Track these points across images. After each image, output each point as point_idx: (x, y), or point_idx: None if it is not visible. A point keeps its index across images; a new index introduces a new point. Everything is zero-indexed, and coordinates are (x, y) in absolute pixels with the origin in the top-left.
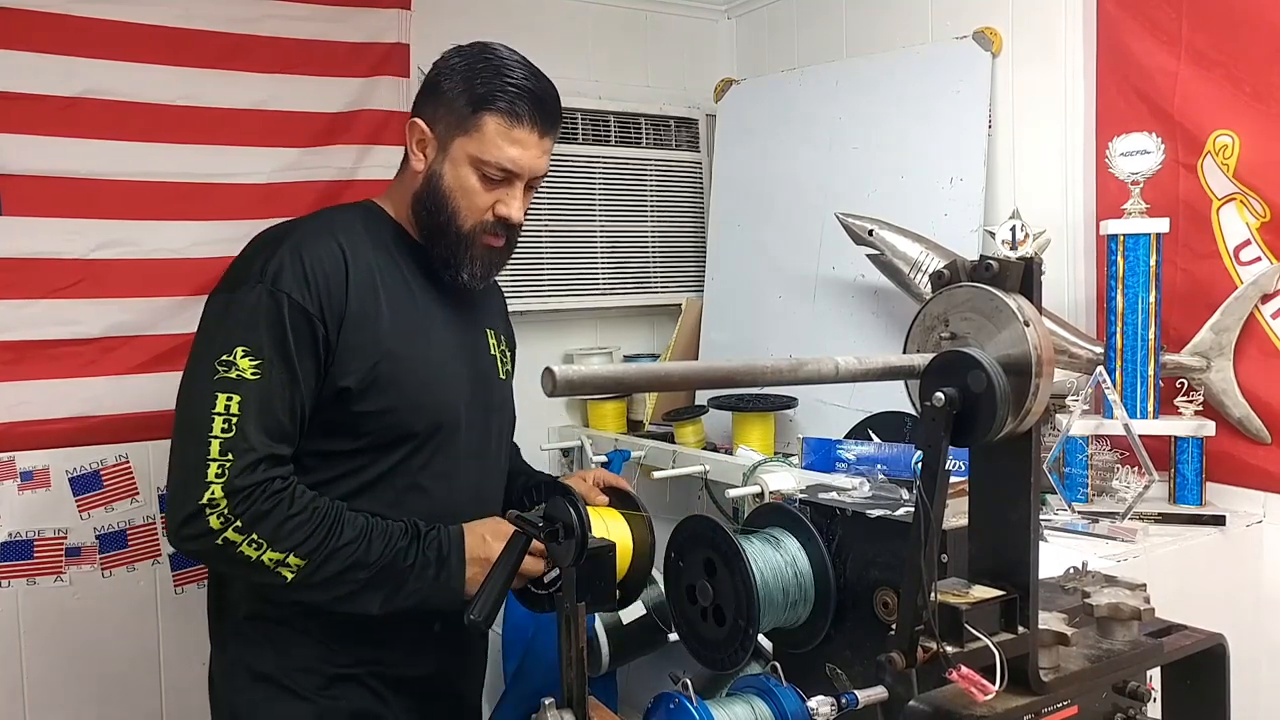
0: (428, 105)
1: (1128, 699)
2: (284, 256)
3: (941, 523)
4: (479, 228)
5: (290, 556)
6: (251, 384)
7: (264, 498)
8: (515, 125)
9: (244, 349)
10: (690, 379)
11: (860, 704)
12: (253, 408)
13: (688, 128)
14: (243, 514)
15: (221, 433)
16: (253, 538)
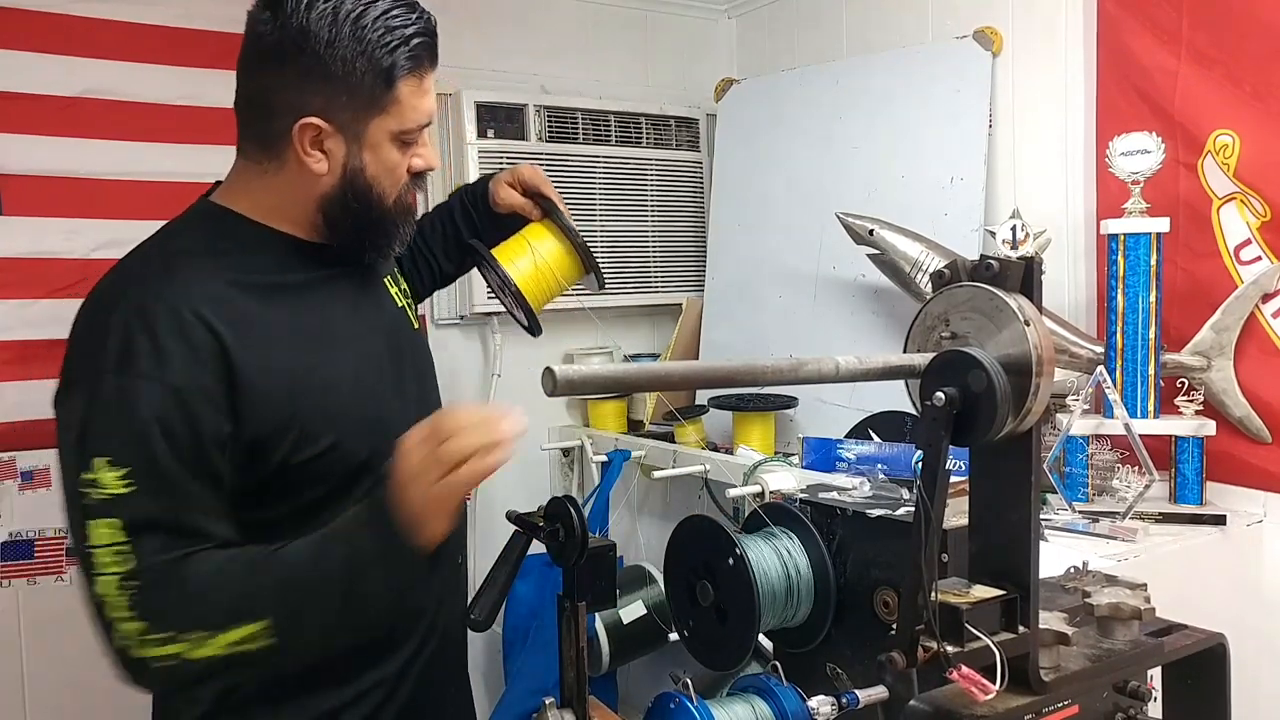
0: (314, 95)
1: (1128, 698)
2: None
3: (942, 522)
4: (402, 193)
5: (250, 626)
6: (124, 496)
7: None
8: (423, 75)
9: (108, 462)
10: (690, 379)
11: (861, 704)
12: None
13: (688, 127)
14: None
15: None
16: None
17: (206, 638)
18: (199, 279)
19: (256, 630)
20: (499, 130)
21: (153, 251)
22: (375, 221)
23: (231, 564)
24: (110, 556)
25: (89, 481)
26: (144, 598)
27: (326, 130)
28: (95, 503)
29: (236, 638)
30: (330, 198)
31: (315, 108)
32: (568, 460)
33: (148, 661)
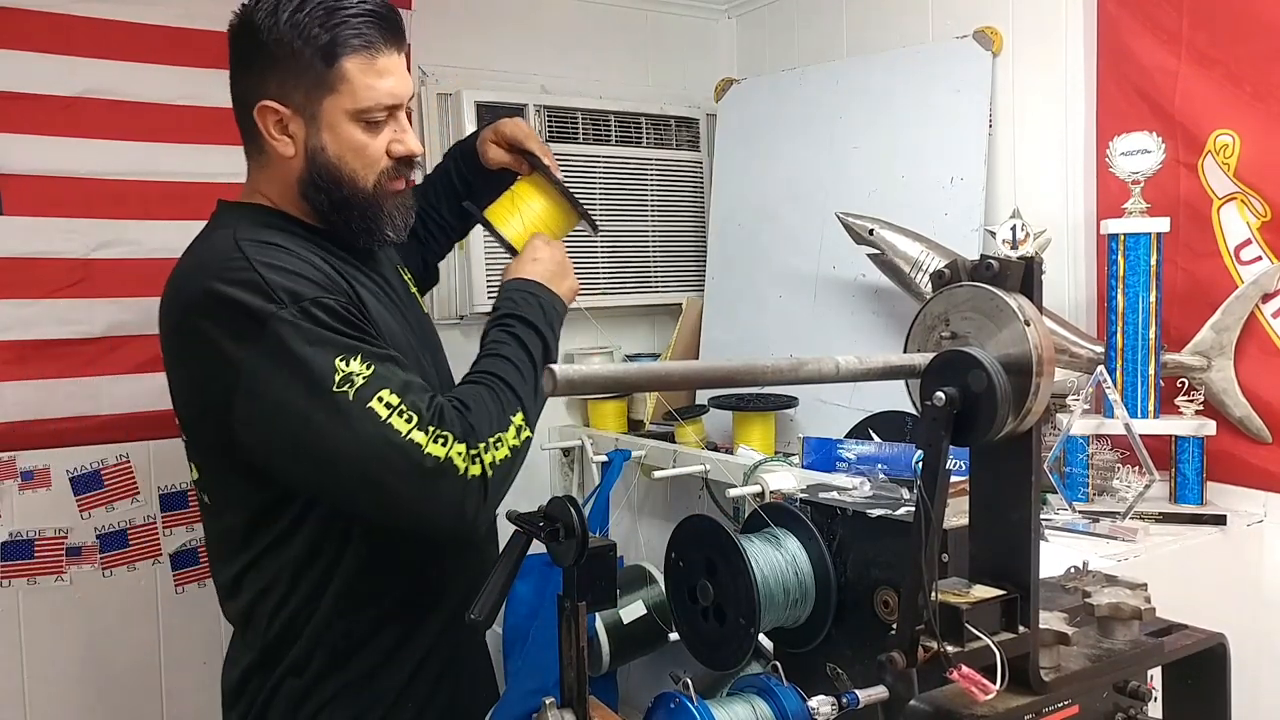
0: (268, 81)
1: (1128, 698)
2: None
3: (942, 522)
4: (381, 178)
5: (513, 419)
6: (379, 374)
7: (450, 413)
8: (376, 55)
9: (341, 357)
10: (691, 378)
11: (861, 703)
12: (392, 381)
13: (688, 127)
14: (473, 433)
15: (409, 424)
16: (490, 440)
17: (504, 433)
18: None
19: (519, 420)
20: None
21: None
22: (350, 202)
23: (471, 385)
24: (401, 420)
25: (343, 379)
26: (452, 426)
27: (285, 113)
28: (361, 387)
29: (512, 433)
30: (303, 180)
31: (271, 92)
32: (568, 460)
33: (486, 472)
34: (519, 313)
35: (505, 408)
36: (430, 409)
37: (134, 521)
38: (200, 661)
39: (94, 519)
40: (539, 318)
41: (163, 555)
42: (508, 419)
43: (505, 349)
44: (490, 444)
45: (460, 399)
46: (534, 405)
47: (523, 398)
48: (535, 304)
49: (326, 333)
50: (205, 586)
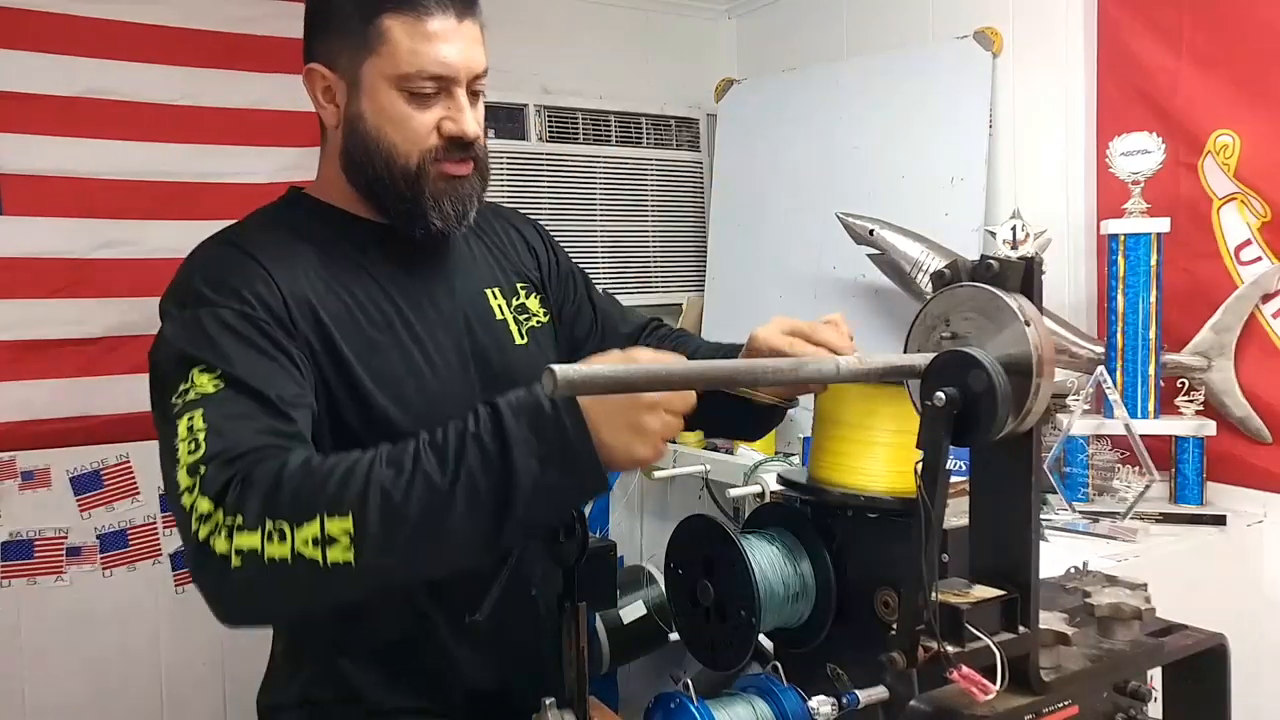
0: (317, 42)
1: (1128, 699)
2: (197, 284)
3: (943, 523)
4: (427, 157)
5: (327, 521)
6: (215, 398)
7: (256, 468)
8: (425, 17)
9: (198, 368)
10: (691, 379)
11: (861, 704)
12: (223, 407)
13: (688, 127)
14: (238, 503)
15: (188, 454)
16: (269, 527)
17: (284, 530)
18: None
19: (343, 529)
20: (499, 130)
21: (227, 228)
22: (387, 181)
23: (322, 461)
24: (184, 448)
25: (185, 390)
26: (215, 473)
27: (330, 78)
28: (190, 401)
29: (310, 534)
30: (344, 152)
31: (319, 54)
32: None
33: (230, 558)
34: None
35: (325, 500)
36: (219, 448)
37: (134, 521)
38: (200, 661)
39: (94, 519)
40: (526, 453)
41: (163, 555)
42: (316, 512)
43: (434, 457)
44: (263, 528)
45: (291, 462)
46: (391, 543)
47: (371, 508)
48: (546, 431)
49: (205, 341)
50: None
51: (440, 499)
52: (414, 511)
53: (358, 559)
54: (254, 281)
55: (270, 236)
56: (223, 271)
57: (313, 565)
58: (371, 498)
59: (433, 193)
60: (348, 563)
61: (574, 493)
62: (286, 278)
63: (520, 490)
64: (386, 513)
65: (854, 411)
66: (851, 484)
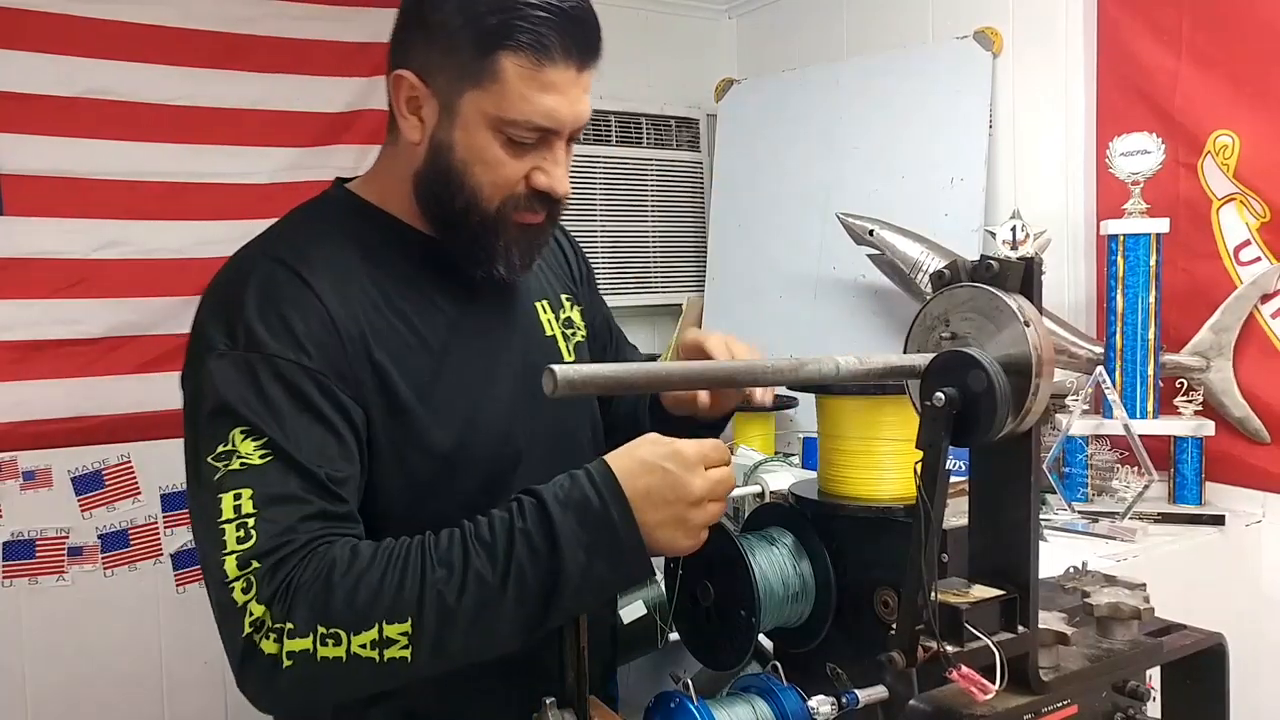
0: (414, 49)
1: (1127, 698)
2: (252, 322)
3: (942, 522)
4: (509, 204)
5: (386, 628)
6: (261, 471)
7: (307, 569)
8: (544, 64)
9: (241, 430)
10: (691, 379)
11: (861, 703)
12: (271, 486)
13: (688, 128)
14: (288, 612)
15: (237, 544)
16: (321, 632)
17: (338, 636)
18: (321, 254)
19: (393, 633)
20: None
21: (275, 230)
22: (464, 220)
23: (372, 558)
24: (232, 533)
25: (227, 454)
26: (266, 577)
27: (422, 91)
28: (233, 472)
29: (368, 639)
30: (420, 175)
31: (414, 62)
32: None
33: (281, 659)
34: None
35: (381, 609)
36: (271, 545)
37: (135, 521)
38: (201, 661)
39: (95, 519)
40: (575, 546)
41: (164, 555)
42: (373, 621)
43: (484, 555)
44: (315, 633)
45: (340, 561)
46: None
47: (429, 612)
48: (593, 525)
49: (251, 395)
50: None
51: (492, 596)
52: (467, 610)
53: (414, 656)
54: (311, 322)
55: (323, 253)
56: (281, 306)
57: (369, 663)
58: (428, 601)
59: (505, 240)
60: (404, 659)
61: (621, 583)
62: (343, 312)
63: (569, 582)
64: (442, 614)
65: (857, 424)
66: (862, 495)
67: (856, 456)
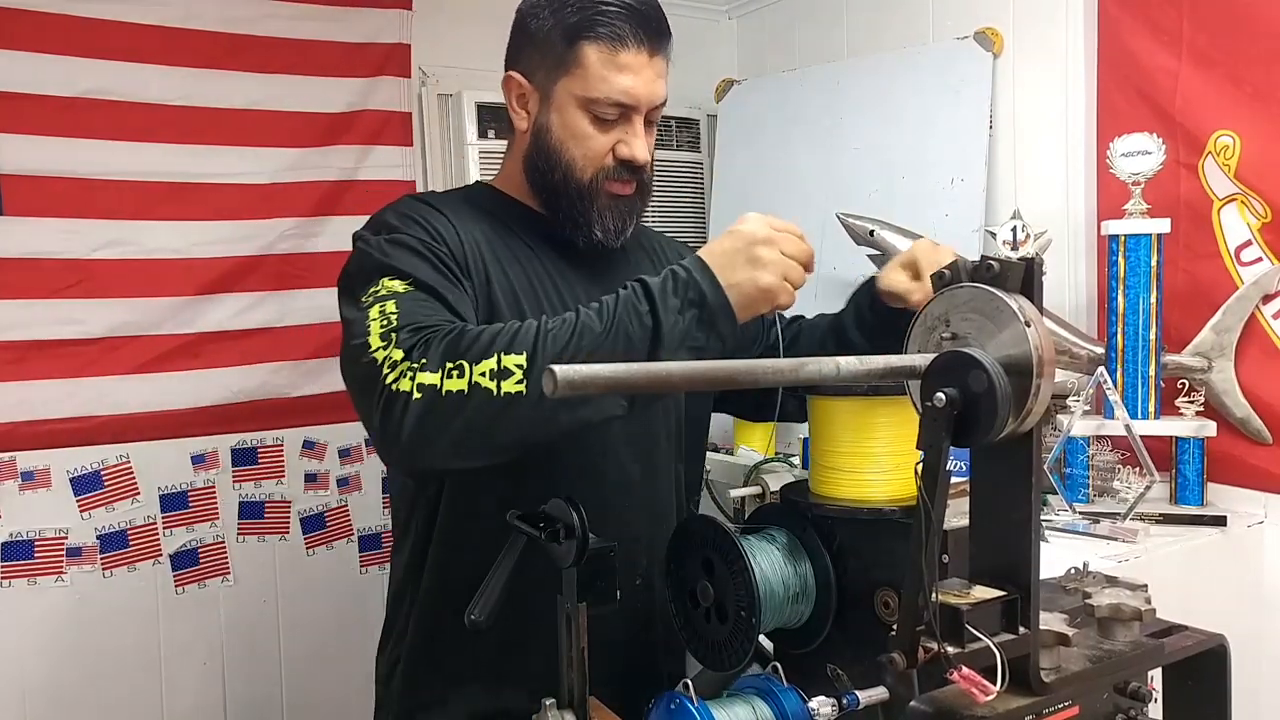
0: (520, 54)
1: (1129, 699)
2: (389, 219)
3: (943, 523)
4: (600, 174)
5: (504, 357)
6: (405, 294)
7: (441, 329)
8: (619, 49)
9: (388, 276)
10: (691, 379)
11: (861, 704)
12: (413, 301)
13: (688, 128)
14: (423, 350)
15: (382, 327)
16: (449, 366)
17: (463, 366)
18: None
19: (510, 364)
20: (500, 131)
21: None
22: (562, 189)
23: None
24: (376, 326)
25: (376, 291)
26: (406, 337)
27: (526, 87)
28: (381, 297)
29: (487, 368)
30: (528, 156)
31: (520, 64)
32: None
33: (412, 393)
34: (649, 286)
35: (502, 343)
36: (407, 322)
37: (134, 522)
38: (200, 662)
39: (94, 519)
40: (664, 295)
41: (163, 556)
42: (494, 351)
43: (593, 312)
44: (444, 368)
45: (463, 327)
46: (568, 359)
47: (542, 346)
48: (673, 283)
49: (393, 256)
50: (205, 587)
51: (599, 340)
52: (579, 349)
53: (529, 389)
54: (438, 222)
55: (455, 204)
56: (413, 210)
57: (488, 394)
58: (541, 338)
59: (599, 207)
60: (520, 393)
61: (709, 333)
62: (462, 235)
63: (667, 334)
64: (554, 349)
65: (849, 426)
66: (853, 497)
67: (848, 458)
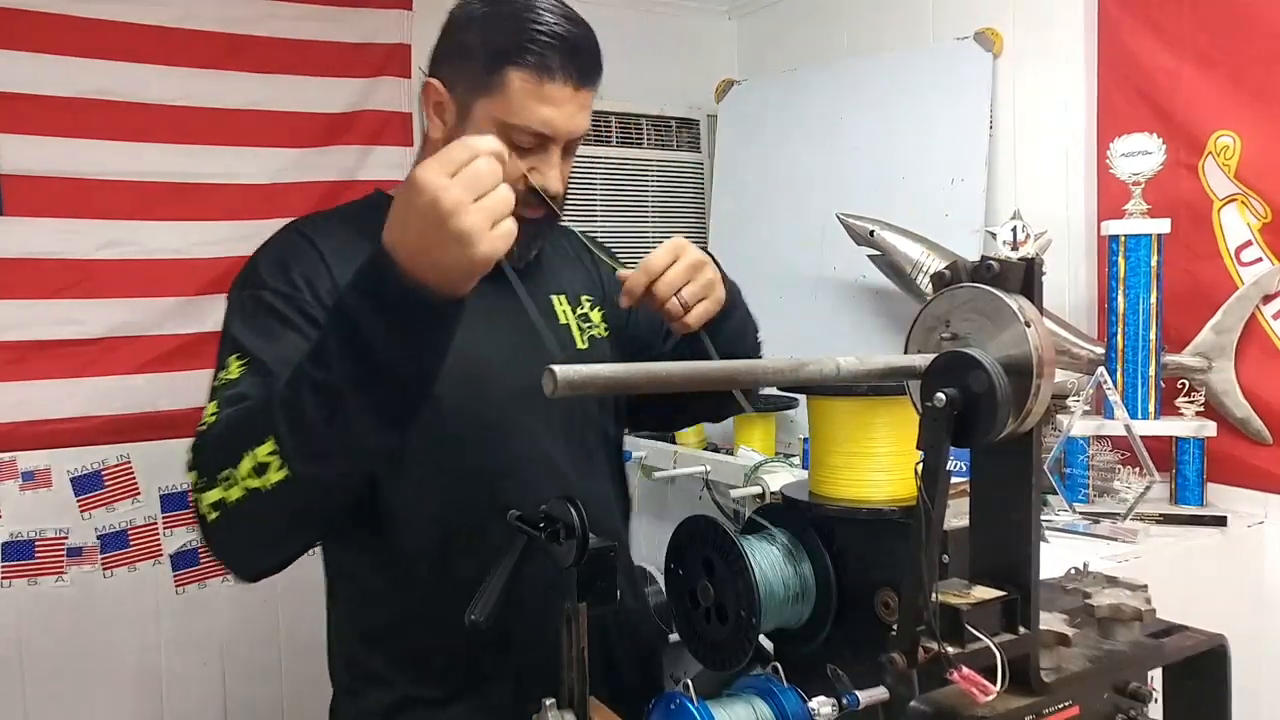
0: (445, 63)
1: (1129, 699)
2: (260, 268)
3: (943, 523)
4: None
5: (257, 452)
6: (236, 382)
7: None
8: (545, 80)
9: (235, 355)
10: (691, 379)
11: (861, 704)
12: (233, 389)
13: (689, 128)
14: (203, 469)
15: (198, 431)
16: (219, 476)
17: (230, 474)
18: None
19: (263, 454)
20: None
21: (299, 221)
22: None
23: (237, 405)
24: (203, 423)
25: (220, 375)
26: (199, 447)
27: (445, 98)
28: (220, 385)
29: (248, 468)
30: None
31: (443, 73)
32: None
33: (205, 514)
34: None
35: (246, 438)
36: (207, 431)
37: (134, 522)
38: (200, 662)
39: (94, 519)
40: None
41: (163, 556)
42: (243, 450)
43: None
44: (218, 482)
45: (207, 429)
46: (309, 443)
47: (282, 430)
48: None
49: (247, 325)
50: (205, 587)
51: (321, 380)
52: (309, 404)
53: (294, 470)
54: (307, 265)
55: (339, 230)
56: (286, 252)
57: (260, 493)
58: (276, 414)
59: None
60: (287, 477)
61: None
62: (343, 269)
63: (366, 341)
64: (292, 419)
65: (849, 426)
66: (853, 497)
67: (848, 458)
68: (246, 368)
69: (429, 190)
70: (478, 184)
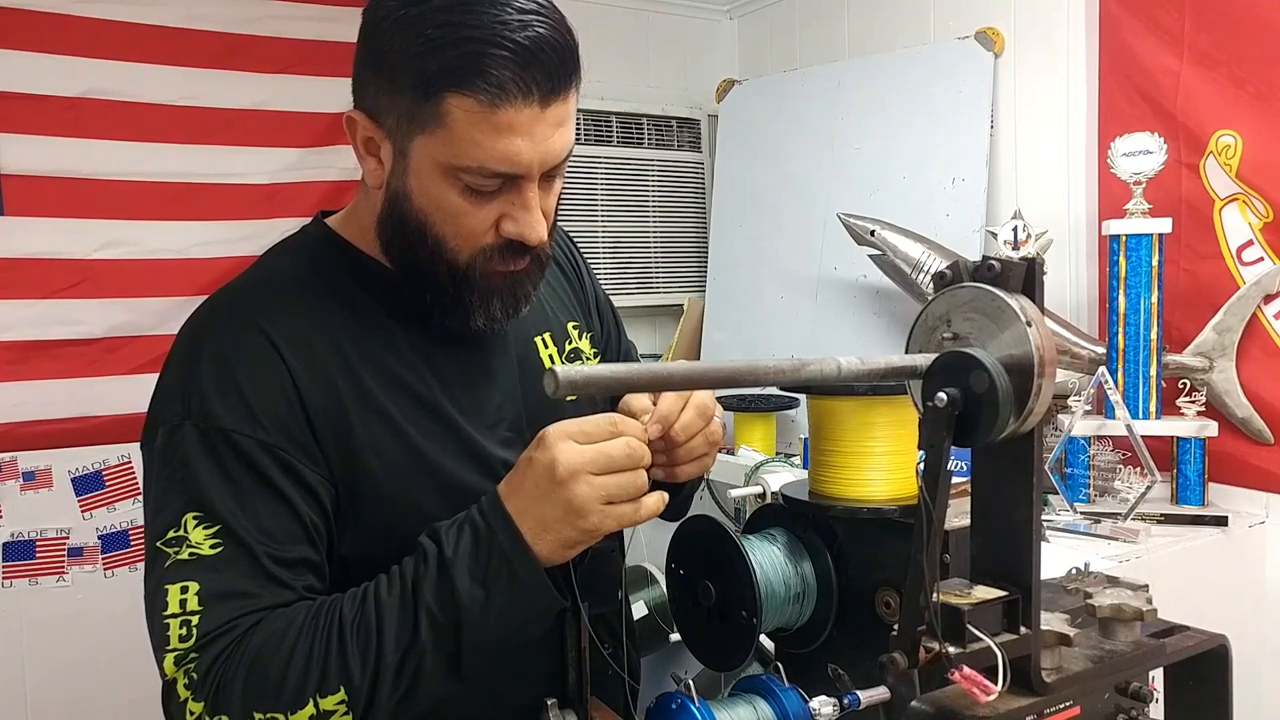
0: (369, 86)
1: (1130, 700)
2: (204, 383)
3: (944, 523)
4: (480, 256)
5: (321, 702)
6: (210, 560)
7: (232, 656)
8: (499, 104)
9: (191, 513)
10: (692, 379)
11: (862, 704)
12: (217, 579)
13: (689, 128)
14: (229, 704)
15: (179, 642)
16: (258, 718)
17: (283, 714)
18: (292, 328)
19: (330, 706)
20: None
21: (244, 280)
22: (428, 271)
23: (300, 629)
24: (175, 629)
25: (175, 540)
26: (204, 665)
27: (375, 132)
28: (180, 563)
29: (328, 707)
30: (382, 221)
31: (365, 101)
32: None
33: None
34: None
35: (314, 680)
36: (206, 630)
37: (135, 522)
38: None
39: (95, 519)
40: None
41: None
42: (307, 696)
43: (390, 605)
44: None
45: (261, 642)
46: (382, 695)
47: (357, 682)
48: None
49: (204, 473)
50: None
51: (410, 645)
52: (389, 666)
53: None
54: (273, 392)
55: (294, 304)
56: (238, 372)
57: None
58: (352, 664)
59: (481, 292)
60: None
61: (525, 613)
62: (308, 378)
63: (472, 619)
64: (370, 674)
65: (849, 426)
66: (853, 496)
67: (848, 458)
68: (220, 539)
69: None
70: (599, 462)
